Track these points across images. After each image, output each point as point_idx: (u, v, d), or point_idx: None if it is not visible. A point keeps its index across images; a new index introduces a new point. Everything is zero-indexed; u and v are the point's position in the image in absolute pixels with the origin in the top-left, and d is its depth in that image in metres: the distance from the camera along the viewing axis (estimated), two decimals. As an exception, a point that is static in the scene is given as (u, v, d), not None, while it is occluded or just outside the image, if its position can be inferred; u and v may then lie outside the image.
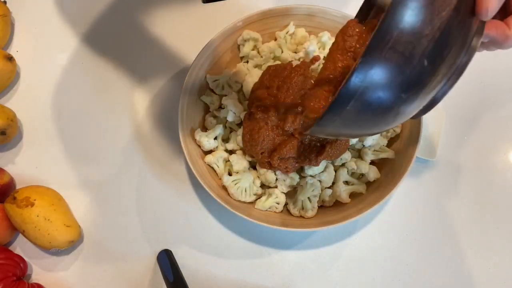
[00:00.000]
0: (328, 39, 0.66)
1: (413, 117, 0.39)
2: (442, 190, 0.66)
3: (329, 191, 0.61)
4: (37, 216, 0.59)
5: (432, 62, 0.33)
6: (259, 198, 0.62)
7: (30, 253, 0.63)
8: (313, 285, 0.62)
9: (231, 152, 0.64)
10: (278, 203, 0.61)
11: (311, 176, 0.60)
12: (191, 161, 0.59)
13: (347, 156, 0.60)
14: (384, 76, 0.33)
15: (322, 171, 0.60)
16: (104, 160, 0.68)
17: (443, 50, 0.33)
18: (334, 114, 0.35)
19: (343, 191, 0.60)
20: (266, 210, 0.61)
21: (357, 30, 0.43)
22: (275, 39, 0.69)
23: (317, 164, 0.57)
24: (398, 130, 0.63)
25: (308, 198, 0.60)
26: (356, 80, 0.32)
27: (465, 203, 0.65)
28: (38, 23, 0.76)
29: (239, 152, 0.63)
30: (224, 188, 0.61)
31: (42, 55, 0.74)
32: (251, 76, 0.64)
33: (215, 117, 0.65)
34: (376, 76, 0.32)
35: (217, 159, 0.62)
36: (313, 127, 0.38)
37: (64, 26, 0.76)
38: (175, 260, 0.62)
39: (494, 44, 0.41)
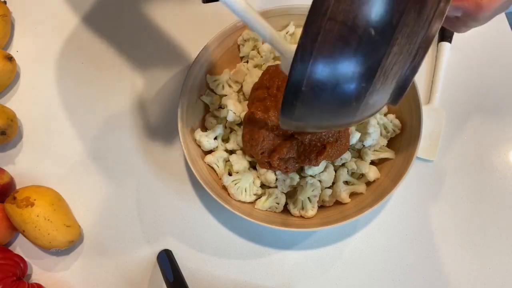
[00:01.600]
0: (328, 39, 0.66)
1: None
2: (442, 190, 0.66)
3: (329, 191, 0.61)
4: (37, 216, 0.59)
5: (381, 32, 0.30)
6: (259, 198, 0.62)
7: (30, 253, 0.63)
8: (313, 285, 0.62)
9: (231, 152, 0.64)
10: (278, 203, 0.61)
11: (311, 176, 0.60)
12: (191, 161, 0.59)
13: (347, 156, 0.60)
14: (331, 49, 0.30)
15: (322, 171, 0.60)
16: (104, 160, 0.68)
17: (391, 17, 0.30)
18: (292, 97, 0.33)
19: (343, 191, 0.60)
20: (266, 210, 0.61)
21: None
22: (275, 39, 0.69)
23: (317, 164, 0.57)
24: (398, 130, 0.63)
25: (308, 198, 0.60)
26: (301, 55, 0.30)
27: (465, 203, 0.65)
28: (38, 23, 0.76)
29: (239, 152, 0.63)
30: (224, 188, 0.61)
31: (42, 55, 0.74)
32: (251, 76, 0.64)
33: (215, 117, 0.65)
34: (322, 49, 0.30)
35: (217, 159, 0.62)
36: (280, 117, 0.36)
37: (64, 26, 0.76)
38: (175, 260, 0.62)
39: (468, 17, 0.39)
